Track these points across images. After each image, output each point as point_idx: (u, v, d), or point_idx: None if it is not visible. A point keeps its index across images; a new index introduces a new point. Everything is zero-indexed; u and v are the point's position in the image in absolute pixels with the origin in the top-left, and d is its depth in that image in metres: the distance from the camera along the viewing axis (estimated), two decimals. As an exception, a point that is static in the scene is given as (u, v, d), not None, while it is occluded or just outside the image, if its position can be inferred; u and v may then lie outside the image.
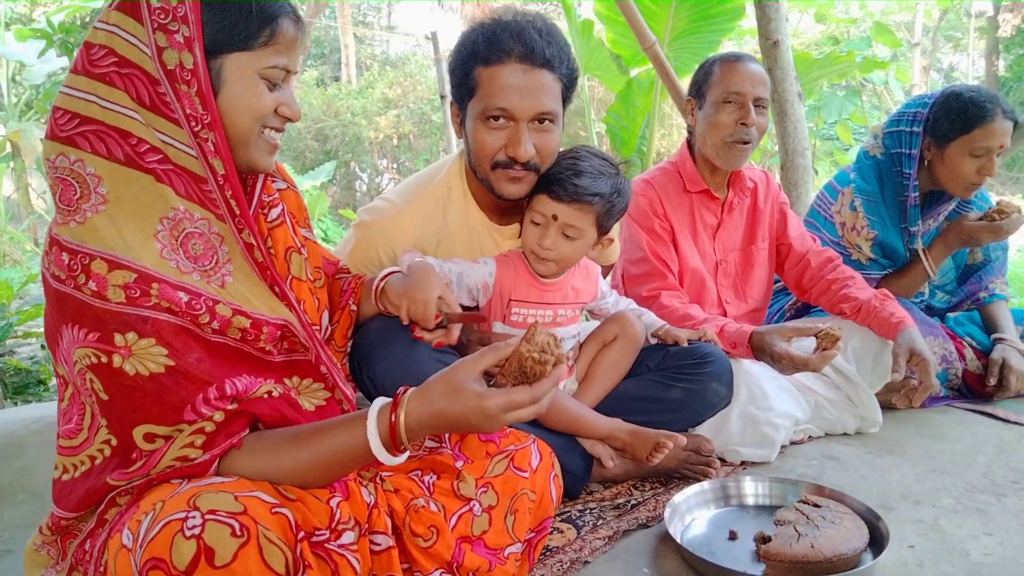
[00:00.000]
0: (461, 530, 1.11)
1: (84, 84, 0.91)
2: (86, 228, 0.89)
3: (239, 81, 0.95)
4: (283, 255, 1.12)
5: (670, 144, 9.68)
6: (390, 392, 1.31)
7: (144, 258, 0.89)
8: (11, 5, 8.22)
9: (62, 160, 0.90)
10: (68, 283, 0.87)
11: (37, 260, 6.51)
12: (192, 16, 0.90)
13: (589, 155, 1.47)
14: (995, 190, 10.55)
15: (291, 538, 0.85)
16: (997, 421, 1.96)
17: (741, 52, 1.95)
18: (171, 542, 0.77)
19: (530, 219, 1.48)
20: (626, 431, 1.50)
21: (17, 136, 7.11)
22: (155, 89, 0.90)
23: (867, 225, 2.11)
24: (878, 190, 2.11)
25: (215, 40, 0.92)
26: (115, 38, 0.90)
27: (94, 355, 0.86)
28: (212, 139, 0.92)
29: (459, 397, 0.92)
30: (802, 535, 1.21)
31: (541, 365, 0.91)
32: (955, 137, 1.97)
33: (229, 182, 0.94)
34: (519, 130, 1.37)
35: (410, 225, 1.50)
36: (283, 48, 0.97)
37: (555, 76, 1.38)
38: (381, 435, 0.93)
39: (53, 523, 0.98)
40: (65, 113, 0.91)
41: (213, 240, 0.96)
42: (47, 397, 2.67)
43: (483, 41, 1.35)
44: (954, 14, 13.47)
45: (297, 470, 0.94)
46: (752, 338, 1.74)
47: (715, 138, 1.86)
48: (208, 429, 0.90)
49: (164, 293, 0.89)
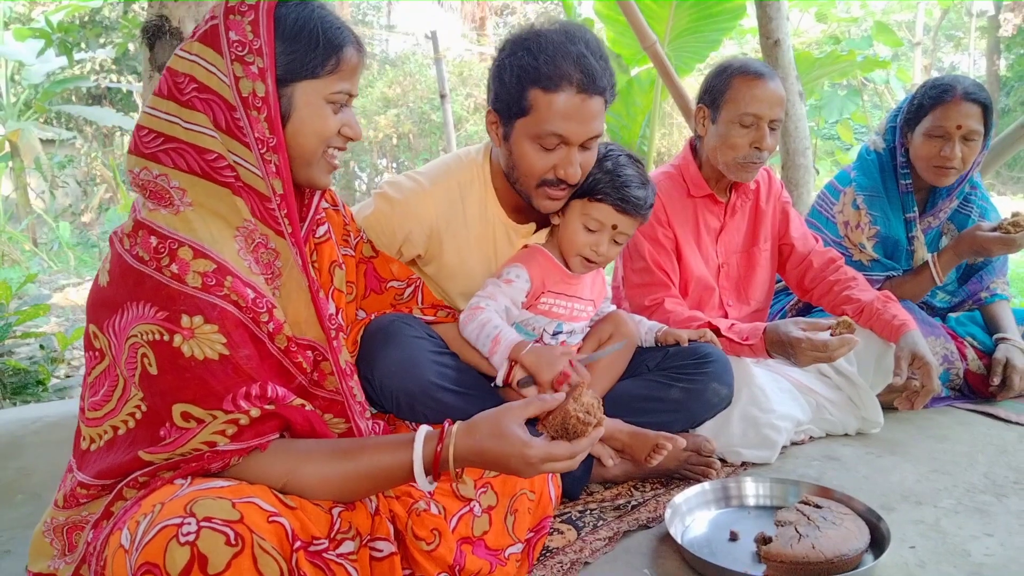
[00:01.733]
0: (462, 531, 1.11)
1: (169, 107, 0.99)
2: (179, 218, 0.96)
3: (307, 107, 1.03)
4: (327, 268, 1.19)
5: (670, 144, 9.68)
6: (387, 393, 1.33)
7: (226, 252, 0.97)
8: (10, 4, 8.22)
9: (145, 174, 0.98)
10: (151, 263, 0.93)
11: (36, 260, 6.51)
12: (267, 49, 0.98)
13: (631, 160, 1.52)
14: (996, 190, 10.54)
15: (287, 548, 0.85)
16: (998, 421, 1.95)
17: (760, 65, 1.86)
18: (165, 547, 0.78)
19: (583, 224, 1.50)
20: (626, 432, 1.49)
21: (16, 136, 7.10)
22: (231, 115, 0.98)
23: (870, 221, 2.11)
24: (879, 183, 2.12)
25: (287, 70, 1.00)
26: (196, 67, 0.98)
27: (158, 332, 0.91)
28: (276, 161, 1.00)
29: (504, 440, 0.96)
30: (803, 536, 1.21)
31: (584, 425, 0.97)
32: (918, 121, 2.01)
33: (286, 201, 1.01)
34: (571, 153, 1.40)
35: (431, 207, 1.52)
36: (347, 74, 1.05)
37: (604, 100, 1.42)
38: (425, 462, 0.97)
39: (70, 493, 0.99)
40: (150, 132, 0.99)
41: (269, 255, 1.03)
42: (46, 397, 2.67)
43: (544, 65, 1.34)
44: (955, 13, 13.46)
45: (329, 480, 0.97)
46: (767, 331, 1.73)
47: (727, 157, 1.83)
48: (242, 422, 0.92)
49: (235, 287, 0.95)
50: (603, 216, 1.49)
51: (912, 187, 2.09)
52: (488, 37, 14.04)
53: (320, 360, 1.09)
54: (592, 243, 1.50)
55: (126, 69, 9.27)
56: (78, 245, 7.41)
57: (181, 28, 2.20)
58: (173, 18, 2.20)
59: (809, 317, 2.13)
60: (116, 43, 6.62)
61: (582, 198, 1.50)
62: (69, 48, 3.82)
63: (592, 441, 0.98)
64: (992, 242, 1.97)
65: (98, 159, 9.03)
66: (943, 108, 1.95)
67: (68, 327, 3.84)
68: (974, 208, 2.19)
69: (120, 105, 9.52)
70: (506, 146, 1.45)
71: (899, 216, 2.12)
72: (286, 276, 1.04)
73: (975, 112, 1.94)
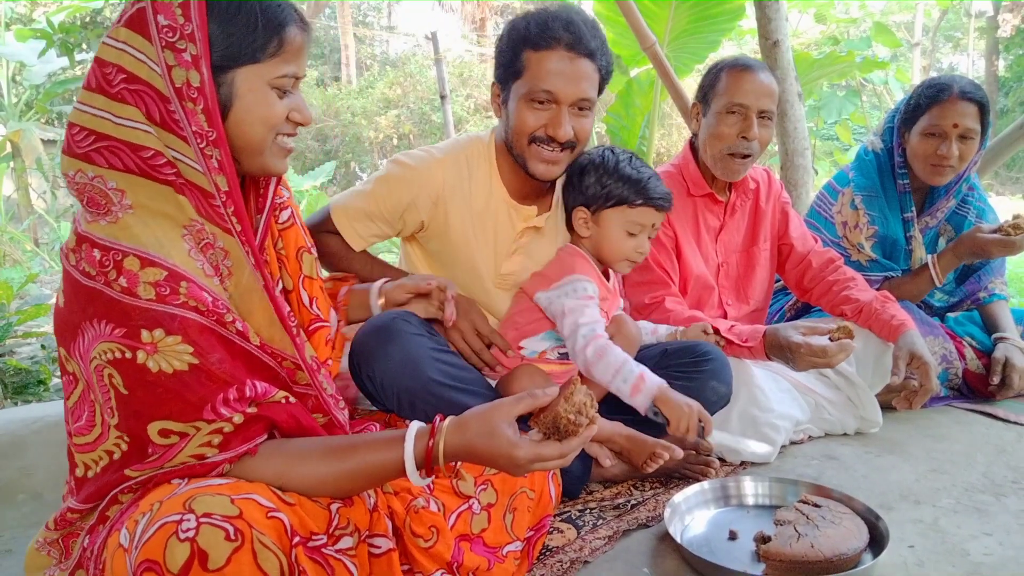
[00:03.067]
0: (460, 528, 1.11)
1: (98, 101, 0.92)
2: (119, 226, 0.91)
3: (250, 93, 0.96)
4: (294, 255, 1.14)
5: (670, 144, 9.69)
6: (388, 391, 1.33)
7: (175, 255, 0.91)
8: (11, 5, 8.22)
9: (80, 176, 0.92)
10: (99, 279, 0.88)
11: (37, 260, 6.51)
12: (199, 34, 0.91)
13: (640, 159, 1.61)
14: (995, 190, 10.54)
15: (286, 543, 0.85)
16: (997, 421, 1.95)
17: (751, 60, 1.90)
18: (165, 544, 0.78)
19: (625, 230, 1.57)
20: (624, 436, 1.50)
21: (17, 136, 7.11)
22: (165, 107, 0.91)
23: (868, 221, 2.11)
24: (878, 183, 2.13)
25: (225, 55, 0.94)
26: (124, 56, 0.91)
27: (118, 350, 0.87)
28: (217, 156, 0.94)
29: (493, 439, 0.95)
30: (802, 535, 1.21)
31: (575, 425, 0.96)
32: (915, 120, 2.02)
33: (232, 198, 0.96)
34: (560, 112, 1.46)
35: (440, 173, 1.56)
36: (291, 56, 0.98)
37: (595, 66, 1.48)
38: (416, 458, 0.96)
39: (60, 517, 0.98)
40: (81, 130, 0.92)
41: (218, 254, 0.98)
42: (47, 397, 2.67)
43: (534, 27, 1.45)
44: (954, 14, 13.48)
45: (323, 480, 0.96)
46: (766, 334, 1.74)
47: (715, 148, 1.85)
48: (226, 430, 0.90)
49: (192, 292, 0.91)
50: (644, 219, 1.57)
51: (910, 187, 2.10)
52: (488, 38, 14.04)
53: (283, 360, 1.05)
54: (635, 245, 1.58)
55: (126, 70, 9.26)
56: (78, 246, 7.39)
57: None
58: (174, 19, 2.20)
59: (808, 317, 2.14)
60: (116, 44, 6.61)
61: (616, 207, 1.56)
62: (70, 49, 3.82)
63: (583, 440, 0.98)
64: (992, 244, 1.97)
65: (98, 160, 9.03)
66: (939, 107, 1.96)
67: (68, 327, 3.83)
68: (971, 209, 2.19)
69: (120, 106, 9.51)
70: (505, 112, 1.53)
71: (897, 216, 2.12)
72: (237, 276, 0.99)
73: (972, 111, 1.95)
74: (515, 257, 1.61)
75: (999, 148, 3.08)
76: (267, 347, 1.00)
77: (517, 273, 1.62)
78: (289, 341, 1.03)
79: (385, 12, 19.20)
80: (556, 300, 1.51)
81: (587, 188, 1.58)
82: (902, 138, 2.09)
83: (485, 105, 11.37)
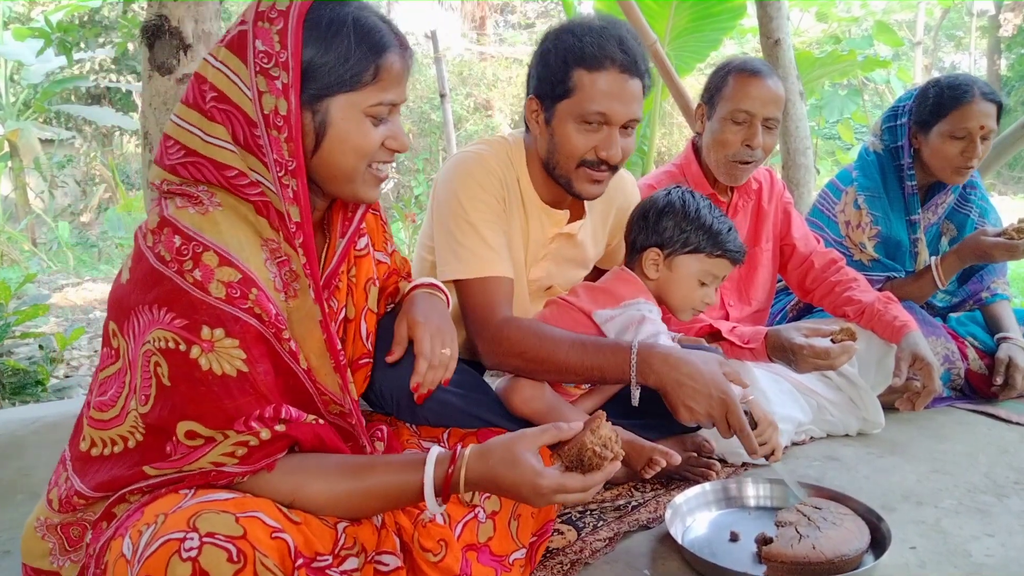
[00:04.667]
0: (467, 538, 1.10)
1: (192, 117, 0.94)
2: (207, 219, 0.90)
3: (344, 122, 0.95)
4: (363, 286, 1.14)
5: (671, 143, 9.67)
6: (388, 395, 1.32)
7: (251, 261, 0.91)
8: (9, 4, 8.21)
9: (168, 185, 0.94)
10: (172, 266, 0.88)
11: (35, 260, 6.51)
12: (292, 63, 0.91)
13: (718, 210, 1.58)
14: (996, 190, 10.53)
15: (288, 565, 0.83)
16: (999, 422, 1.95)
17: (759, 63, 1.86)
18: (167, 562, 0.77)
19: (697, 279, 1.55)
20: (623, 441, 1.48)
21: (15, 136, 7.10)
22: (251, 131, 0.92)
23: (871, 221, 2.11)
24: (880, 184, 2.12)
25: (321, 83, 0.93)
26: (220, 75, 0.93)
27: (173, 340, 0.86)
28: (293, 186, 0.93)
29: (516, 468, 0.94)
30: (803, 536, 1.21)
31: (600, 459, 0.95)
32: (935, 122, 2.01)
33: (301, 229, 0.95)
34: (612, 134, 1.43)
35: (497, 168, 1.50)
36: (388, 84, 0.97)
37: (643, 85, 1.45)
38: (436, 483, 0.95)
39: (65, 499, 0.96)
40: (175, 143, 0.94)
41: (289, 274, 0.98)
42: (45, 398, 2.67)
43: (589, 46, 1.39)
44: (956, 13, 13.46)
45: (337, 498, 0.94)
46: (768, 336, 1.73)
47: (719, 154, 1.84)
48: (252, 443, 0.89)
49: (260, 300, 0.90)
50: (718, 270, 1.56)
51: (916, 188, 2.10)
52: (488, 37, 14.03)
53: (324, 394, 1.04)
54: (704, 295, 1.56)
55: (125, 69, 9.27)
56: (77, 245, 7.41)
57: (180, 28, 2.19)
58: (172, 18, 2.19)
59: (810, 317, 2.13)
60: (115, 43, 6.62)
61: (693, 254, 1.53)
62: (68, 48, 3.81)
63: (607, 475, 0.96)
64: (995, 247, 1.96)
65: (97, 159, 9.03)
66: (964, 109, 1.96)
67: (67, 327, 3.83)
68: (974, 208, 2.19)
69: (119, 105, 9.52)
70: (547, 131, 1.47)
71: (901, 217, 2.12)
72: (302, 299, 0.98)
73: (993, 111, 1.97)
74: (542, 263, 1.58)
75: (1001, 147, 3.08)
76: (312, 374, 0.99)
77: (542, 280, 1.59)
78: (335, 379, 1.03)
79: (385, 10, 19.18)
80: (628, 313, 1.48)
81: (664, 230, 1.54)
82: (914, 139, 2.08)
83: (485, 104, 11.36)
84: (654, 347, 1.32)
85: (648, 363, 1.30)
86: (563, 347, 1.35)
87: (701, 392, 1.24)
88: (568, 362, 1.34)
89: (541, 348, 1.36)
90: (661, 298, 1.57)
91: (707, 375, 1.25)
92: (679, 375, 1.26)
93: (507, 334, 1.38)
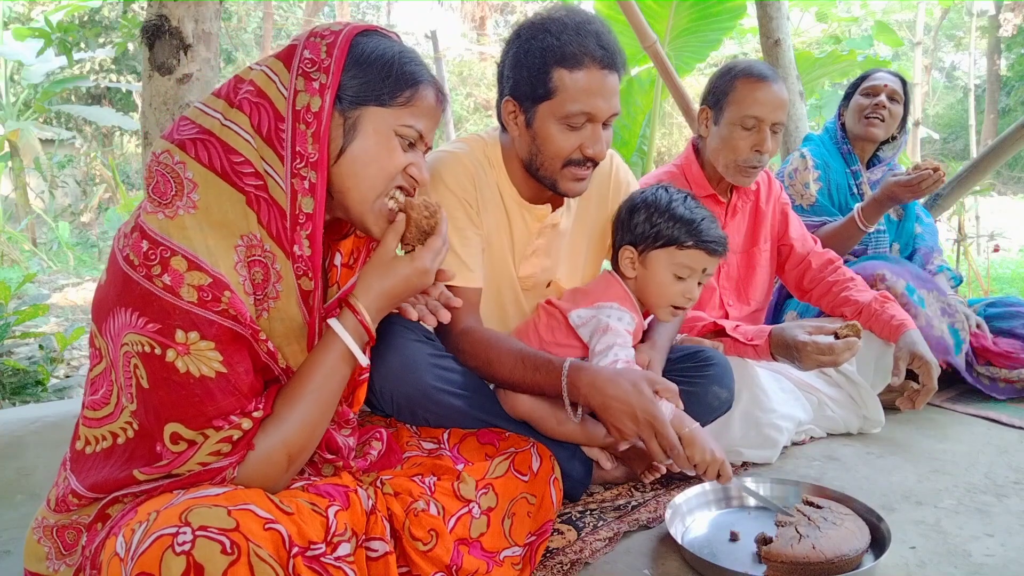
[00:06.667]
0: (459, 532, 1.11)
1: (217, 105, 0.97)
2: (174, 223, 0.91)
3: (374, 134, 0.99)
4: None
5: (671, 143, 9.68)
6: (387, 397, 1.32)
7: (222, 266, 0.92)
8: (9, 4, 8.22)
9: (166, 157, 0.94)
10: (139, 270, 0.88)
11: (35, 260, 6.51)
12: (334, 67, 0.96)
13: (696, 201, 1.56)
14: (996, 190, 10.53)
15: (283, 555, 0.84)
16: (999, 423, 1.95)
17: (765, 68, 1.86)
18: (161, 557, 0.77)
19: (672, 273, 1.49)
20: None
21: (15, 135, 7.11)
22: (277, 124, 0.95)
23: (813, 165, 2.31)
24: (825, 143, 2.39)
25: (356, 92, 0.98)
26: (262, 75, 0.97)
27: (148, 344, 0.87)
28: (311, 178, 0.95)
29: (392, 269, 1.03)
30: (803, 536, 1.21)
31: (433, 218, 1.06)
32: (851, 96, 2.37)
33: (312, 220, 0.96)
34: (596, 130, 1.39)
35: (470, 166, 1.48)
36: (420, 113, 1.01)
37: (619, 77, 1.42)
38: (355, 337, 1.02)
39: (61, 498, 0.97)
40: (190, 123, 0.96)
41: (271, 274, 0.98)
42: (45, 397, 2.66)
43: (567, 44, 1.35)
44: (956, 13, 13.46)
45: (301, 419, 0.98)
46: (772, 333, 1.73)
47: (727, 159, 1.83)
48: (235, 437, 0.92)
49: (233, 302, 0.91)
50: (694, 262, 1.48)
51: (852, 149, 2.36)
52: (488, 36, 14.02)
53: None
54: (683, 290, 1.50)
55: (125, 69, 9.28)
56: (77, 245, 7.42)
57: (180, 28, 2.19)
58: (172, 18, 2.19)
59: (816, 317, 2.14)
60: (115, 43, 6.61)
61: (664, 247, 1.48)
62: (68, 48, 3.81)
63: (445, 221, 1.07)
64: (897, 185, 2.09)
65: (97, 159, 9.04)
66: (870, 78, 2.34)
67: (67, 327, 3.83)
68: None
69: (119, 105, 9.52)
70: (528, 133, 1.43)
71: (841, 166, 2.34)
72: (284, 302, 0.99)
73: (897, 81, 2.32)
74: (532, 259, 1.57)
75: (1001, 147, 3.08)
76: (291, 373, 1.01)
77: (536, 275, 1.58)
78: None
79: (384, 10, 19.18)
80: (597, 317, 1.45)
81: (635, 226, 1.51)
82: (841, 114, 2.40)
83: (485, 104, 11.36)
84: (583, 368, 1.28)
85: (576, 385, 1.27)
86: (508, 363, 1.34)
87: (627, 414, 1.21)
88: (513, 378, 1.34)
89: (490, 363, 1.35)
90: (641, 298, 1.54)
91: (633, 397, 1.21)
92: (604, 398, 1.23)
93: (463, 347, 1.38)
